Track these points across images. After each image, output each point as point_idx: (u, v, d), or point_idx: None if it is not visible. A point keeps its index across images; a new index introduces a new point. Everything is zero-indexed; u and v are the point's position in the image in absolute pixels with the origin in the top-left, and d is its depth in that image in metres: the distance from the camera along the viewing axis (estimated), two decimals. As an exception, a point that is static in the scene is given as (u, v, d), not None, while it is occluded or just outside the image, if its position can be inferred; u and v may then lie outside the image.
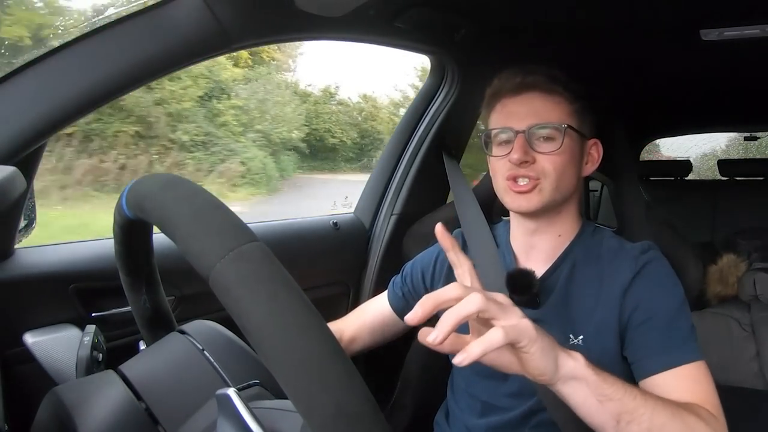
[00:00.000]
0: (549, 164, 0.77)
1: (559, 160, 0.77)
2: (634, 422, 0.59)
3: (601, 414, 0.59)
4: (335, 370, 0.32)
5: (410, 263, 1.01)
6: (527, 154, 0.77)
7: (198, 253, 0.36)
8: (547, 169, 0.77)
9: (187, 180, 0.42)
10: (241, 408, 0.40)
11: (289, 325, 0.32)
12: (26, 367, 0.79)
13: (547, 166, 0.77)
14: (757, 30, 1.07)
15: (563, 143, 0.77)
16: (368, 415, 0.31)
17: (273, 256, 0.35)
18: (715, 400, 0.68)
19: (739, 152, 6.37)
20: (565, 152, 0.78)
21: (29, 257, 0.84)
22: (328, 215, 1.33)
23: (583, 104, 0.82)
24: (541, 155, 0.77)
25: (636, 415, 0.59)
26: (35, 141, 0.68)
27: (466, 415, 0.89)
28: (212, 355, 0.54)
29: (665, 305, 0.73)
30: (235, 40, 0.79)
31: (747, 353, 1.68)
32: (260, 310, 0.33)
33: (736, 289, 1.86)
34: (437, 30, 1.08)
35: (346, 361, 0.32)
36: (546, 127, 0.77)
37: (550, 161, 0.77)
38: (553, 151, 0.77)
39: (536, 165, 0.77)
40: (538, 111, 0.78)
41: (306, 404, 0.31)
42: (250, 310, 0.33)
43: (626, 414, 0.59)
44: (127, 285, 0.59)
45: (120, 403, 0.49)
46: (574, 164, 0.80)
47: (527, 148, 0.77)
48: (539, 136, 0.78)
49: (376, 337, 0.99)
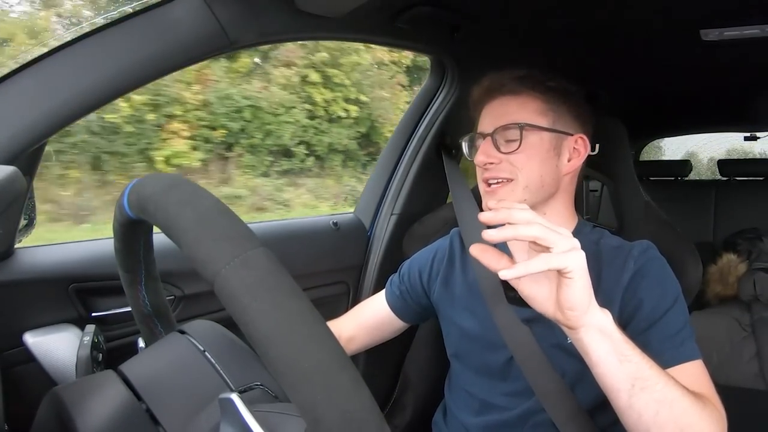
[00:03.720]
0: (514, 164, 0.79)
1: (521, 159, 0.79)
2: (648, 390, 0.59)
3: (619, 374, 0.60)
4: (341, 379, 0.32)
5: (408, 262, 1.01)
6: (490, 156, 0.79)
7: (203, 259, 0.35)
8: (512, 170, 0.79)
9: (190, 182, 0.42)
10: (245, 413, 0.39)
11: (295, 334, 0.33)
12: (26, 367, 0.79)
13: (511, 167, 0.79)
14: (757, 30, 1.07)
15: (522, 142, 0.78)
16: (372, 423, 0.31)
17: (278, 262, 0.35)
18: (715, 396, 0.68)
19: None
20: (527, 150, 0.79)
21: (29, 257, 0.83)
22: (328, 215, 1.33)
23: (561, 101, 0.82)
24: (505, 155, 0.79)
25: (650, 383, 0.59)
26: (35, 141, 0.67)
27: (463, 414, 0.89)
28: (213, 356, 0.54)
29: (663, 305, 0.73)
30: (235, 40, 0.79)
31: (747, 353, 1.69)
32: (266, 319, 0.33)
33: (736, 289, 1.86)
34: (437, 30, 1.08)
35: (352, 370, 0.32)
36: (507, 128, 0.79)
37: (513, 160, 0.79)
38: (513, 151, 0.79)
39: (501, 166, 0.79)
40: (505, 113, 0.81)
41: (312, 413, 0.31)
42: (255, 318, 0.33)
43: (641, 380, 0.59)
44: (126, 281, 0.59)
45: (120, 403, 0.49)
46: (545, 162, 0.80)
47: (490, 150, 0.80)
48: (504, 137, 0.80)
49: (375, 336, 1.00)
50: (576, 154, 0.83)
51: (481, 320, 0.86)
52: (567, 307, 0.58)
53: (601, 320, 0.60)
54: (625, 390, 0.60)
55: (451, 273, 0.93)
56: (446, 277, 0.93)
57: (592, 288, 0.59)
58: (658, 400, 0.59)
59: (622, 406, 0.60)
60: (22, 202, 0.76)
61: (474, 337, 0.87)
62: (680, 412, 0.59)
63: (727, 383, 1.62)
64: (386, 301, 0.99)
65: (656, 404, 0.59)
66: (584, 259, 0.58)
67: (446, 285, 0.93)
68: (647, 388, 0.59)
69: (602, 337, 0.60)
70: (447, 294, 0.92)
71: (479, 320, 0.86)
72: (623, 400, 0.60)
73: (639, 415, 0.60)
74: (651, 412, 0.59)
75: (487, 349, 0.85)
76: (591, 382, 0.65)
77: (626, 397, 0.60)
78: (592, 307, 0.59)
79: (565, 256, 0.56)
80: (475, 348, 0.87)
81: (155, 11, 0.72)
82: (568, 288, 0.57)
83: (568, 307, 0.58)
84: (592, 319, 0.59)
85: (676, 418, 0.59)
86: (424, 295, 0.96)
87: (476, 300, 0.87)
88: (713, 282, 1.92)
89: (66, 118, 0.68)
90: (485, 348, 0.86)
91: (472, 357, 0.89)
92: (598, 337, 0.60)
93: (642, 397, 0.59)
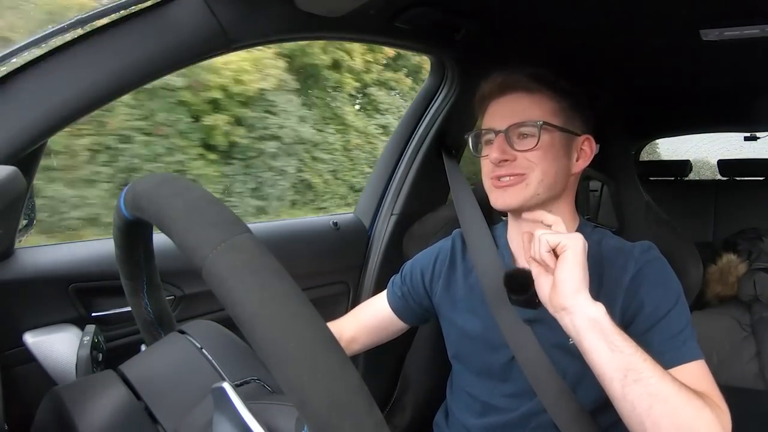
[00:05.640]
0: (529, 161, 0.78)
1: (537, 156, 0.78)
2: (641, 382, 0.60)
3: (611, 363, 0.61)
4: (327, 358, 0.32)
5: (409, 263, 1.01)
6: (506, 153, 0.79)
7: (191, 246, 0.36)
8: (528, 165, 0.79)
9: (182, 177, 0.42)
10: (237, 401, 0.40)
11: (280, 314, 0.33)
12: (26, 367, 0.79)
13: (527, 162, 0.79)
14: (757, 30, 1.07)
15: (539, 140, 0.78)
16: (361, 404, 0.31)
17: (264, 246, 0.36)
18: (718, 395, 0.68)
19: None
20: (544, 148, 0.79)
21: (29, 257, 0.83)
22: (328, 215, 1.33)
23: (571, 102, 0.82)
24: (520, 153, 0.79)
25: (644, 375, 0.60)
26: (35, 141, 0.67)
27: (465, 415, 0.89)
28: (211, 354, 0.54)
29: (665, 305, 0.73)
30: (235, 40, 0.79)
31: (747, 353, 1.69)
32: (251, 300, 0.33)
33: (736, 289, 1.86)
34: (437, 30, 1.08)
35: (338, 349, 0.32)
36: (523, 125, 0.79)
37: (529, 158, 0.78)
38: (531, 149, 0.78)
39: (517, 162, 0.79)
40: (519, 110, 0.80)
41: (298, 393, 0.31)
42: (241, 299, 0.33)
43: (634, 371, 0.60)
44: (128, 289, 0.59)
45: (120, 402, 0.49)
46: (558, 160, 0.80)
47: (506, 147, 0.79)
48: (518, 134, 0.80)
49: (376, 337, 0.99)
50: (583, 154, 0.83)
51: (483, 321, 0.86)
52: (558, 281, 0.65)
53: (591, 310, 0.64)
54: (618, 379, 0.61)
55: (453, 274, 0.93)
56: (448, 278, 0.93)
57: (587, 278, 0.65)
58: (651, 393, 0.59)
59: (617, 396, 0.61)
60: (22, 202, 0.76)
61: (475, 337, 0.87)
62: (676, 408, 0.59)
63: (727, 383, 1.62)
64: (388, 302, 0.99)
65: (649, 397, 0.59)
66: (583, 244, 0.66)
67: (448, 286, 0.93)
68: (640, 381, 0.60)
69: (592, 325, 0.63)
70: (448, 295, 0.92)
71: (480, 321, 0.86)
72: (617, 390, 0.61)
73: (633, 406, 0.60)
74: (644, 405, 0.59)
75: (488, 350, 0.85)
76: (592, 382, 0.65)
77: (619, 386, 0.61)
78: (584, 295, 0.64)
79: (562, 235, 0.66)
80: (476, 349, 0.87)
81: (155, 11, 0.72)
82: (561, 262, 0.65)
83: (560, 281, 0.65)
84: (582, 306, 0.64)
85: (671, 414, 0.59)
86: (425, 296, 0.96)
87: (477, 301, 0.87)
88: (713, 282, 1.92)
89: (66, 118, 0.68)
90: (486, 349, 0.86)
91: (472, 358, 0.89)
92: (588, 326, 0.63)
93: (635, 388, 0.60)
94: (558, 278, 0.65)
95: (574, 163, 0.83)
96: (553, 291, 0.66)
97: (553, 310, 0.67)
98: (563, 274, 0.65)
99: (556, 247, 0.66)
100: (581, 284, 0.65)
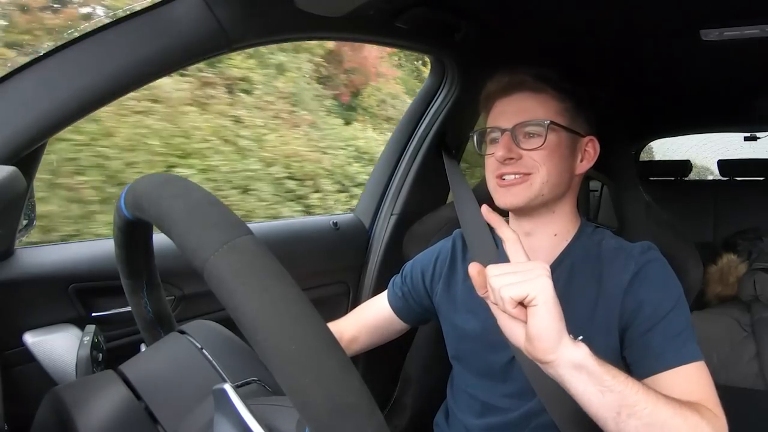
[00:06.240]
0: (535, 160, 0.78)
1: (543, 156, 0.78)
2: (635, 416, 0.59)
3: (602, 405, 0.59)
4: (329, 361, 0.32)
5: (410, 263, 1.01)
6: (511, 151, 0.78)
7: (193, 248, 0.36)
8: (534, 165, 0.78)
9: (183, 178, 0.42)
10: (237, 402, 0.40)
11: (282, 316, 0.32)
12: (26, 367, 0.79)
13: (532, 162, 0.78)
14: (757, 30, 1.07)
15: (546, 139, 0.78)
16: (362, 407, 0.31)
17: (266, 248, 0.36)
18: (715, 399, 0.68)
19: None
20: (550, 148, 0.78)
21: (29, 257, 0.83)
22: (328, 215, 1.33)
23: (576, 102, 0.82)
24: (526, 152, 0.78)
25: (637, 409, 0.59)
26: (35, 141, 0.68)
27: (465, 415, 0.89)
28: (211, 354, 0.54)
29: (665, 306, 0.73)
30: (235, 40, 0.79)
31: (747, 353, 1.68)
32: (253, 302, 0.33)
33: (736, 289, 1.86)
34: (437, 30, 1.08)
35: (339, 352, 0.32)
36: (530, 124, 0.79)
37: (535, 157, 0.78)
38: (537, 147, 0.78)
39: (522, 161, 0.79)
40: (525, 109, 0.80)
41: (300, 395, 0.31)
42: (243, 301, 0.33)
43: (627, 407, 0.59)
44: (128, 288, 0.59)
45: (120, 402, 0.49)
46: (563, 160, 0.80)
47: (512, 145, 0.79)
48: (525, 133, 0.79)
49: (376, 337, 0.99)
50: (587, 155, 0.84)
51: (483, 321, 0.86)
52: (534, 337, 0.57)
53: (573, 355, 0.58)
54: (612, 418, 0.59)
55: (453, 274, 0.93)
56: (448, 278, 0.93)
57: (563, 321, 0.58)
58: (647, 423, 0.59)
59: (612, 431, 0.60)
60: (22, 202, 0.76)
61: (475, 338, 0.87)
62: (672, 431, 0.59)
63: (727, 383, 1.62)
64: (388, 302, 0.99)
65: (646, 428, 0.58)
66: (550, 287, 0.57)
67: (448, 287, 0.93)
68: (635, 414, 0.58)
69: (577, 372, 0.58)
70: (449, 296, 0.92)
71: (480, 321, 0.86)
72: (611, 427, 0.59)
73: None
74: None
75: (488, 350, 0.85)
76: None
77: (613, 424, 0.59)
78: (564, 342, 0.58)
79: (525, 284, 0.57)
80: (476, 349, 0.87)
81: (155, 11, 0.72)
82: (533, 317, 0.57)
83: (536, 337, 0.57)
84: (564, 355, 0.58)
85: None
86: (426, 296, 0.96)
87: (478, 300, 0.87)
88: (713, 282, 1.91)
89: (66, 118, 0.68)
90: (486, 349, 0.86)
91: (472, 358, 0.89)
92: (573, 372, 0.58)
93: (630, 423, 0.58)
94: (533, 333, 0.58)
95: (578, 164, 0.83)
96: (530, 344, 0.59)
97: (531, 358, 0.61)
98: (538, 329, 0.57)
99: (522, 300, 0.58)
100: (559, 333, 0.58)
